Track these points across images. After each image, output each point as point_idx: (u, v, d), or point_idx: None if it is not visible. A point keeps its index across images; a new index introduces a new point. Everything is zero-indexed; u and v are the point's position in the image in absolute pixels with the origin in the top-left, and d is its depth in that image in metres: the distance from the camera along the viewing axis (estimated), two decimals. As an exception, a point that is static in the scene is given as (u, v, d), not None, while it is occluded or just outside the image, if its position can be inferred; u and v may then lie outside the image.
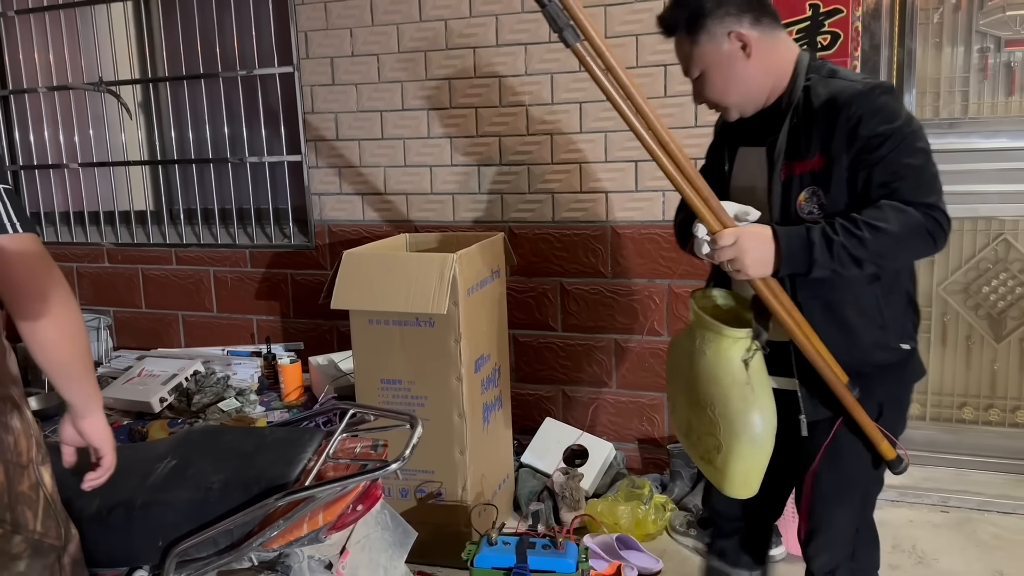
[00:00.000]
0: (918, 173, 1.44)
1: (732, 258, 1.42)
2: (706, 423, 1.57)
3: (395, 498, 2.46)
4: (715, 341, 1.54)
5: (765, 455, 1.54)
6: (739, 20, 1.52)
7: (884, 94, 1.46)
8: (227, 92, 3.46)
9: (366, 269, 2.40)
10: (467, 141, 3.05)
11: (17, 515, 1.20)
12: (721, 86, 1.56)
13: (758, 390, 1.52)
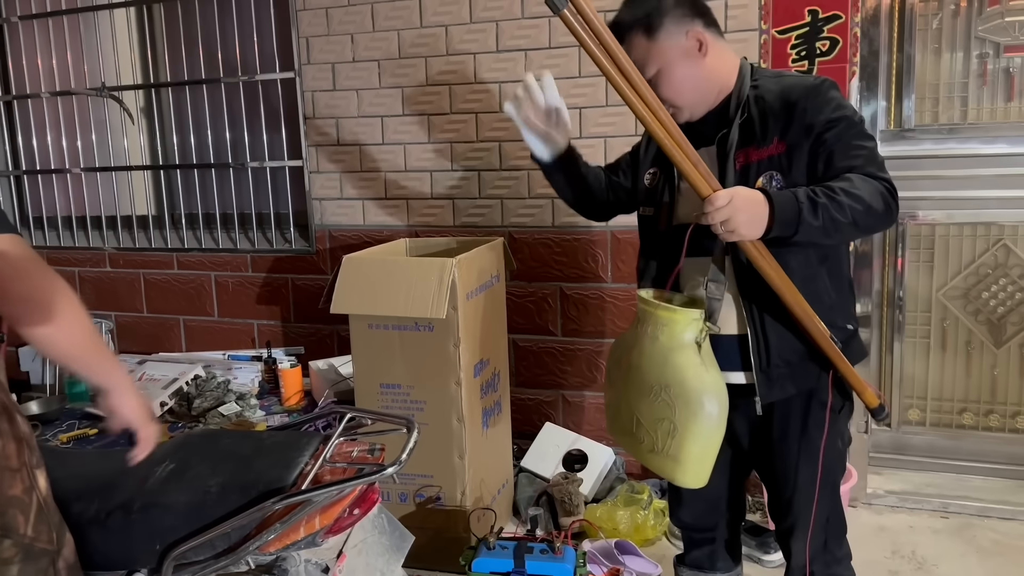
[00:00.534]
0: (872, 153, 1.54)
1: (727, 218, 1.43)
2: (658, 409, 1.59)
3: (394, 502, 2.47)
4: (669, 324, 1.57)
5: (718, 437, 1.58)
6: (694, 20, 1.62)
7: (833, 88, 1.58)
8: (229, 97, 3.47)
9: (366, 274, 2.40)
10: (467, 146, 3.05)
11: (7, 519, 1.19)
12: (678, 84, 1.63)
13: (711, 369, 1.58)
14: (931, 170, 2.71)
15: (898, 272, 2.84)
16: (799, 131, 1.54)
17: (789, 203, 1.44)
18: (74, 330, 1.26)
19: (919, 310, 2.88)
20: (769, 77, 1.65)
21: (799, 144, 1.54)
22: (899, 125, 2.76)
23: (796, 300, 1.56)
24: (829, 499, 1.73)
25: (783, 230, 1.45)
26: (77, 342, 1.27)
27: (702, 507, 1.92)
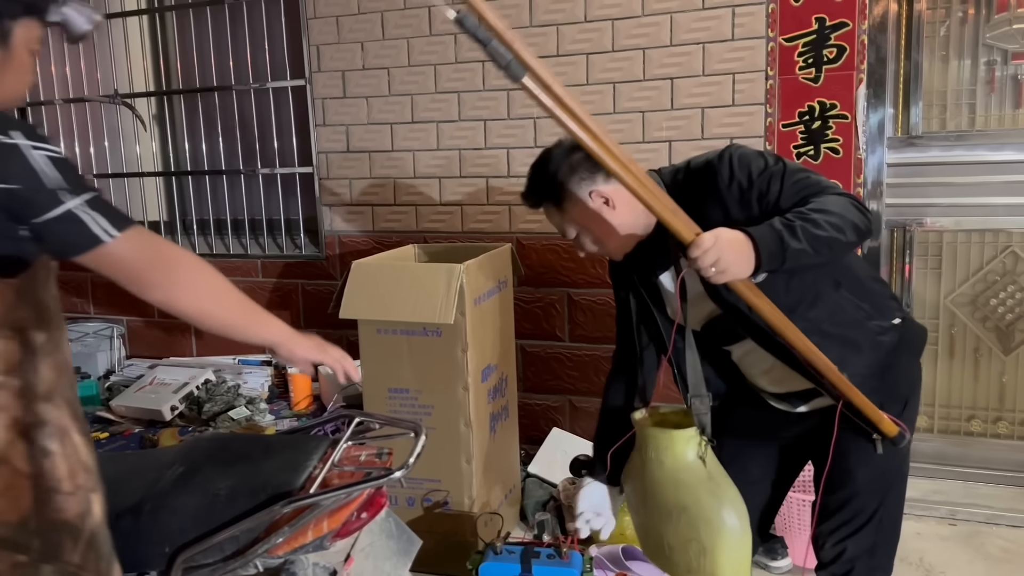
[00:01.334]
0: (816, 181, 1.54)
1: (716, 258, 1.42)
2: (683, 530, 1.59)
3: (402, 507, 2.48)
4: (669, 448, 1.58)
5: (747, 545, 1.59)
6: (593, 179, 1.63)
7: (737, 151, 1.59)
8: (240, 104, 3.50)
9: (374, 279, 2.42)
10: (476, 153, 3.07)
11: (53, 544, 1.15)
12: (600, 238, 1.68)
13: (721, 482, 1.58)
14: (939, 177, 2.71)
15: (906, 279, 2.84)
16: (738, 206, 1.55)
17: (769, 234, 1.43)
18: (223, 301, 1.30)
19: (927, 317, 2.88)
20: (679, 174, 1.66)
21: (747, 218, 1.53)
22: (907, 132, 2.77)
23: (796, 337, 1.52)
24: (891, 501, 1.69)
25: (772, 261, 1.43)
26: (230, 312, 1.32)
27: None
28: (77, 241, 1.16)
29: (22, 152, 1.13)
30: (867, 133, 2.60)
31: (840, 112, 2.60)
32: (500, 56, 1.43)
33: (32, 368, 1.16)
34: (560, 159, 1.66)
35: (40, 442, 1.15)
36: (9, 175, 1.11)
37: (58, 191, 1.14)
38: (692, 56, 2.73)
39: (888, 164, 2.72)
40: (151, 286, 1.22)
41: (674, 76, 2.76)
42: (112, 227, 1.17)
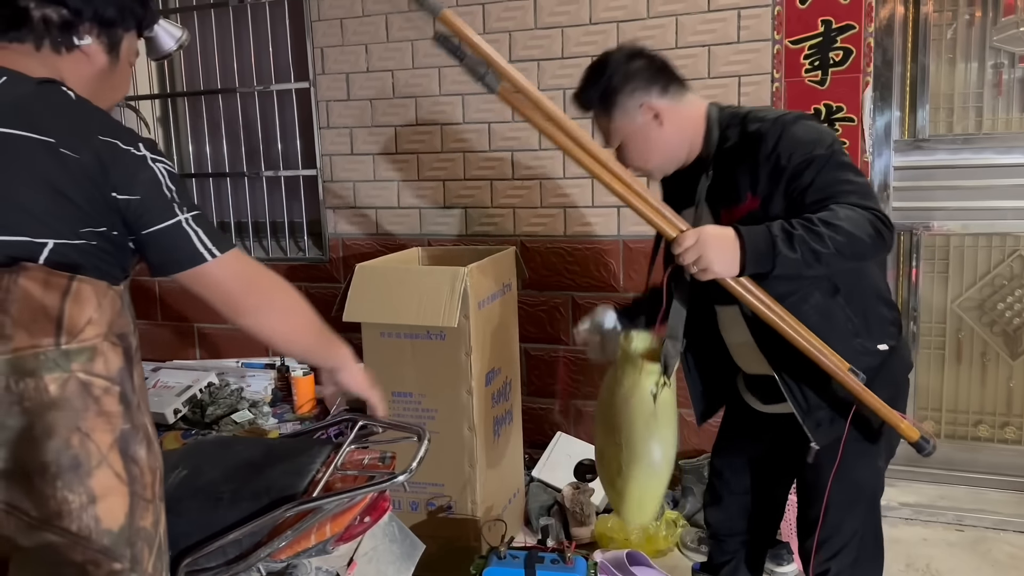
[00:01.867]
0: (853, 186, 1.48)
1: (697, 257, 1.43)
2: (612, 448, 1.69)
3: (405, 511, 2.47)
4: (631, 373, 1.66)
5: (661, 483, 1.67)
6: (648, 92, 1.60)
7: (795, 123, 1.52)
8: (244, 107, 3.50)
9: (378, 282, 2.42)
10: (480, 156, 3.07)
11: (137, 551, 1.15)
12: (641, 154, 1.65)
13: (662, 420, 1.64)
14: (946, 180, 2.69)
15: (912, 283, 2.82)
16: (767, 180, 1.51)
17: (762, 237, 1.42)
18: (306, 328, 1.37)
19: (934, 321, 2.86)
20: (735, 125, 1.60)
21: (772, 193, 1.51)
22: (913, 135, 2.75)
23: (799, 333, 1.51)
24: (863, 515, 1.69)
25: (759, 265, 1.42)
26: (309, 338, 1.39)
27: (734, 509, 1.93)
28: (180, 257, 1.20)
29: (149, 164, 1.17)
30: (873, 136, 2.59)
31: (847, 115, 2.58)
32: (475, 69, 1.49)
33: (129, 375, 1.17)
34: (617, 65, 1.61)
35: (132, 448, 1.16)
36: (136, 185, 1.15)
37: (172, 204, 1.18)
38: (698, 58, 2.73)
39: (895, 167, 2.70)
40: (245, 312, 1.27)
41: None
42: (214, 247, 1.21)
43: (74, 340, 1.09)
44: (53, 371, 1.08)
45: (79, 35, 1.23)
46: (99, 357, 1.12)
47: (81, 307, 1.10)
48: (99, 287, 1.13)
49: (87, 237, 1.14)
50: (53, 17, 1.21)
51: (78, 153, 1.11)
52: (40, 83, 1.16)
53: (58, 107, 1.15)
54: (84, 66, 1.25)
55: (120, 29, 1.28)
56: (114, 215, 1.15)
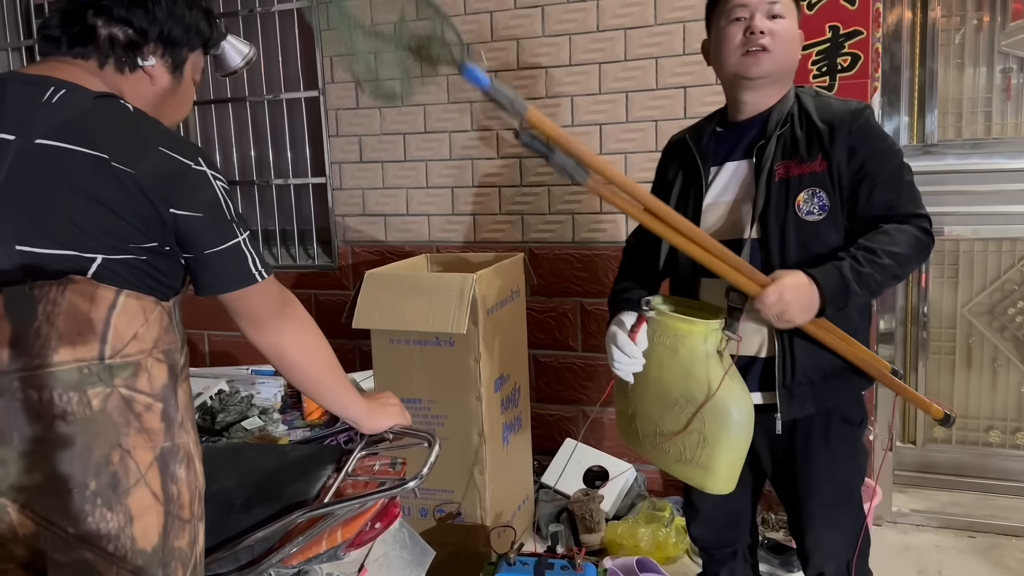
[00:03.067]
0: (911, 189, 1.57)
1: (781, 311, 1.47)
2: (685, 420, 1.60)
3: (415, 518, 2.47)
4: (687, 338, 1.58)
5: (746, 443, 1.61)
6: None
7: (873, 115, 1.60)
8: (254, 116, 3.52)
9: (387, 289, 2.43)
10: (488, 163, 3.08)
11: (170, 572, 1.15)
12: (786, 39, 1.60)
13: (735, 379, 1.59)
14: (955, 185, 2.69)
15: (922, 288, 2.82)
16: (842, 153, 1.54)
17: (836, 281, 1.47)
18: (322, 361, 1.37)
19: (943, 326, 2.86)
20: (810, 95, 1.65)
21: (841, 166, 1.54)
22: (922, 140, 2.75)
23: (856, 352, 1.58)
24: (853, 514, 1.72)
25: (835, 306, 1.49)
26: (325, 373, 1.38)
27: (722, 523, 1.92)
28: (235, 278, 1.21)
29: (210, 180, 1.17)
30: (886, 142, 2.59)
31: (854, 120, 2.58)
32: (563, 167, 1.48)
33: (173, 392, 1.17)
34: None
35: (171, 467, 1.16)
36: (198, 203, 1.15)
37: (233, 224, 1.19)
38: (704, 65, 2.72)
39: (903, 173, 2.70)
40: (269, 330, 1.29)
41: (687, 85, 2.76)
42: (263, 268, 1.23)
43: (118, 355, 1.09)
44: (96, 385, 1.08)
45: (143, 56, 1.24)
46: (143, 373, 1.12)
47: (127, 322, 1.11)
48: (146, 303, 1.13)
49: (136, 252, 1.13)
50: (119, 36, 1.21)
51: (133, 168, 1.10)
52: (98, 97, 1.15)
53: (115, 121, 1.14)
54: (146, 86, 1.26)
55: (185, 49, 1.29)
56: (168, 231, 1.14)
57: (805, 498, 1.71)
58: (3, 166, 1.08)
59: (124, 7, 1.21)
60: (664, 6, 2.75)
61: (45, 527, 1.06)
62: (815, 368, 1.61)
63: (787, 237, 1.57)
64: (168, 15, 1.24)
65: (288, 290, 1.34)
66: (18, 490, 1.06)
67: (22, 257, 1.08)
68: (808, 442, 1.68)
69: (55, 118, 1.10)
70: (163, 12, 1.24)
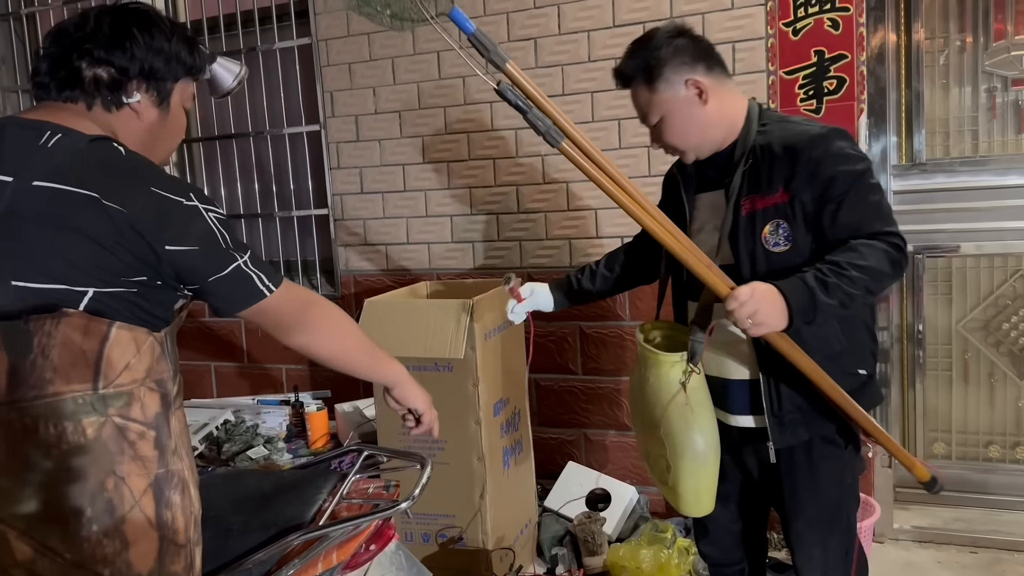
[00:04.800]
0: (878, 208, 1.56)
1: (753, 311, 1.47)
2: (656, 445, 1.69)
3: (417, 543, 2.49)
4: (655, 367, 1.67)
5: (711, 471, 1.66)
6: (693, 68, 1.62)
7: (840, 139, 1.57)
8: (258, 150, 3.61)
9: (386, 317, 2.47)
10: (486, 191, 3.14)
11: None
12: (681, 130, 1.66)
13: (697, 410, 1.64)
14: (945, 203, 2.72)
15: (916, 306, 2.84)
16: (803, 182, 1.55)
17: (801, 291, 1.47)
18: (352, 345, 1.43)
19: (939, 343, 2.88)
20: (777, 122, 1.65)
21: (803, 194, 1.55)
22: (911, 160, 2.79)
23: (823, 379, 1.58)
24: (844, 532, 1.73)
25: (804, 316, 1.48)
26: (357, 353, 1.44)
27: (727, 541, 1.94)
28: (243, 297, 1.25)
29: (202, 214, 1.20)
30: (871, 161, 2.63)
31: (842, 142, 2.63)
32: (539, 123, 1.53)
33: (166, 420, 1.20)
34: (664, 39, 1.63)
35: (166, 493, 1.18)
36: (191, 236, 1.18)
37: (228, 251, 1.22)
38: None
39: (894, 191, 2.74)
40: (295, 332, 1.32)
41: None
42: (271, 283, 1.27)
43: (111, 385, 1.13)
44: (90, 415, 1.11)
45: (127, 93, 1.27)
46: (136, 402, 1.16)
47: (120, 353, 1.14)
48: (138, 333, 1.17)
49: (127, 286, 1.16)
50: (103, 76, 1.25)
51: (124, 207, 1.13)
52: (92, 140, 1.19)
53: (107, 163, 1.17)
54: (134, 122, 1.29)
55: (169, 81, 1.32)
56: (163, 265, 1.17)
57: (792, 517, 1.73)
58: (1, 206, 1.13)
59: (103, 48, 1.25)
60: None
61: (43, 553, 1.10)
62: (803, 396, 1.62)
63: (757, 267, 1.61)
64: (147, 50, 1.27)
65: (310, 290, 1.40)
66: (17, 517, 1.10)
67: (18, 293, 1.13)
68: (792, 462, 1.70)
69: (51, 161, 1.15)
70: (141, 48, 1.27)
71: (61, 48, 1.26)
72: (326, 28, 3.31)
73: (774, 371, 1.62)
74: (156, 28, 1.30)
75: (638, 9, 2.82)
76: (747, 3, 2.68)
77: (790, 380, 1.61)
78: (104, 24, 1.26)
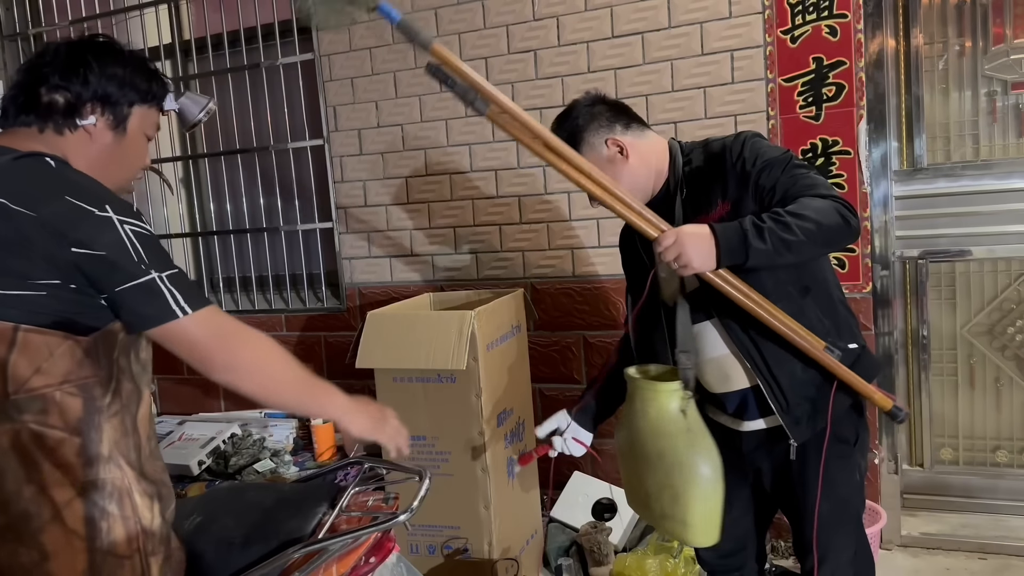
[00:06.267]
0: (813, 180, 1.61)
1: (677, 253, 1.53)
2: (660, 476, 1.69)
3: (422, 555, 2.50)
4: (653, 399, 1.70)
5: (719, 495, 1.66)
6: (611, 128, 1.75)
7: (752, 137, 1.68)
8: (262, 165, 3.64)
9: (389, 329, 2.49)
10: (488, 202, 3.15)
11: None
12: None
13: (698, 434, 1.67)
14: (947, 208, 2.72)
15: (921, 311, 2.83)
16: (736, 186, 1.64)
17: (733, 231, 1.52)
18: (284, 382, 1.33)
19: (944, 348, 2.87)
20: (697, 148, 1.76)
21: (740, 197, 1.64)
22: (912, 164, 2.79)
23: (776, 318, 1.61)
24: (854, 533, 1.75)
25: (733, 257, 1.53)
26: (290, 392, 1.34)
27: (728, 546, 1.94)
28: (152, 314, 1.19)
29: (115, 224, 1.19)
30: (871, 167, 2.63)
31: (842, 148, 2.63)
32: (465, 95, 1.58)
33: (94, 427, 1.18)
34: (582, 108, 1.77)
35: (98, 502, 1.17)
36: (99, 243, 1.17)
37: (141, 264, 1.19)
38: (694, 100, 2.80)
39: (896, 197, 2.73)
40: (216, 368, 1.25)
41: (677, 120, 2.82)
42: (187, 304, 1.21)
43: (21, 390, 1.12)
44: (4, 422, 1.12)
45: (82, 116, 1.31)
46: (53, 407, 1.15)
47: (28, 358, 1.13)
48: (51, 337, 1.16)
49: (36, 288, 1.15)
50: (59, 100, 1.30)
51: (35, 211, 1.14)
52: (21, 156, 1.22)
53: (26, 174, 1.20)
54: (87, 144, 1.33)
55: (124, 105, 1.35)
56: (72, 269, 1.16)
57: (804, 516, 1.74)
58: None
59: (59, 74, 1.30)
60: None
61: None
62: (801, 385, 1.66)
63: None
64: (100, 76, 1.31)
65: (237, 321, 1.31)
66: None
67: None
68: (805, 462, 1.71)
69: None
70: (95, 74, 1.31)
71: (24, 77, 1.31)
72: (328, 44, 3.34)
73: (770, 374, 1.66)
74: (111, 56, 1.34)
75: (636, 20, 2.84)
76: (745, 11, 2.70)
77: (788, 377, 1.66)
78: (62, 53, 1.32)
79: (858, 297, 2.66)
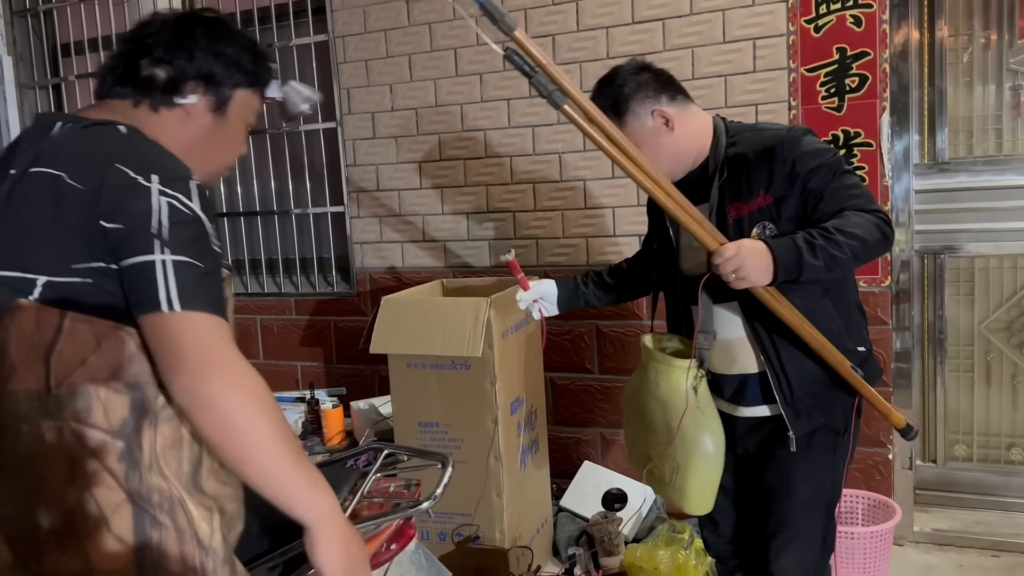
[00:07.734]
0: (859, 191, 1.63)
1: (737, 267, 1.54)
2: (664, 447, 1.77)
3: (433, 541, 2.49)
4: (666, 373, 1.74)
5: (718, 471, 1.76)
6: (658, 99, 1.72)
7: (807, 134, 1.67)
8: (274, 148, 3.60)
9: (403, 314, 2.47)
10: (502, 188, 3.13)
11: None
12: (653, 158, 1.70)
13: (706, 412, 1.73)
14: (968, 202, 2.69)
15: (938, 306, 2.81)
16: (782, 182, 1.63)
17: (789, 249, 1.54)
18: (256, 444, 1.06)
19: (961, 344, 2.84)
20: (745, 132, 1.74)
21: (785, 194, 1.63)
22: (933, 159, 2.76)
23: (812, 335, 1.63)
24: (824, 518, 1.77)
25: (788, 274, 1.54)
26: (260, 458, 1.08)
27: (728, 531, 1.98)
28: (139, 301, 1.03)
29: (150, 194, 1.04)
30: (892, 160, 2.60)
31: (864, 140, 2.60)
32: (543, 86, 1.54)
33: (137, 431, 1.06)
34: (627, 75, 1.72)
35: (148, 511, 1.06)
36: (123, 215, 1.03)
37: (155, 238, 1.03)
38: (715, 88, 2.77)
39: (916, 191, 2.71)
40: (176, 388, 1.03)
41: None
42: (178, 299, 1.02)
43: (63, 384, 1.02)
44: (46, 418, 1.02)
45: (182, 94, 1.21)
46: (97, 406, 1.03)
47: (74, 348, 1.03)
48: (99, 327, 1.04)
49: (81, 274, 1.04)
50: (159, 75, 1.20)
51: (84, 184, 1.04)
52: (92, 124, 1.13)
53: (93, 144, 1.10)
54: (183, 125, 1.23)
55: (227, 87, 1.25)
56: (106, 247, 1.04)
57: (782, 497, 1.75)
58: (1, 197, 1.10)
59: (163, 47, 1.20)
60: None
61: (21, 562, 1.04)
62: (811, 381, 1.68)
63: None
64: (208, 52, 1.22)
65: (236, 352, 1.06)
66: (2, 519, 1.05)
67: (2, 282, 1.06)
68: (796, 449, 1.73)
69: (48, 148, 1.10)
70: (202, 51, 1.22)
71: (126, 47, 1.23)
72: (343, 25, 3.30)
73: (779, 362, 1.68)
74: (221, 33, 1.25)
75: (657, 6, 2.80)
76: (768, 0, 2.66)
77: (796, 368, 1.68)
78: (170, 25, 1.23)
79: (876, 291, 2.64)
